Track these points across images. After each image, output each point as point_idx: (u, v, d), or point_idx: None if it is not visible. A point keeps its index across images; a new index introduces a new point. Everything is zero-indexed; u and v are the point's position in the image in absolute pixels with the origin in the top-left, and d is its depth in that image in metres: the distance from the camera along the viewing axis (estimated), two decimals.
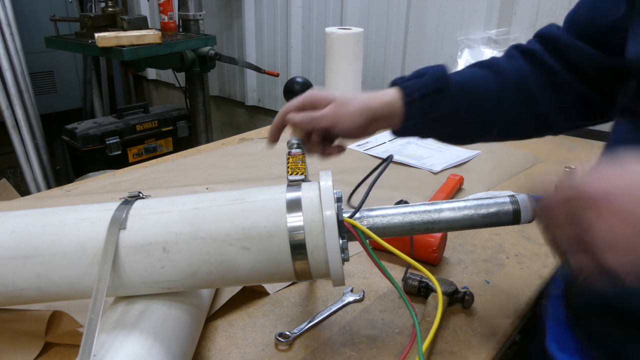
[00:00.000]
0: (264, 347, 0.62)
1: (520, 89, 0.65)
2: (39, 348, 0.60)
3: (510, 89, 0.65)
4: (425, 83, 0.63)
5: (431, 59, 1.79)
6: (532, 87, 0.65)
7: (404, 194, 1.02)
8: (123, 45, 1.76)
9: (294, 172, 0.57)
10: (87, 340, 0.44)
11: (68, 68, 2.84)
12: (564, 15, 0.70)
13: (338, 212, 0.51)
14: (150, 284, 0.52)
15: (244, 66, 2.21)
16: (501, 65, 0.67)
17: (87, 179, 1.17)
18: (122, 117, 2.26)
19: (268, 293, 0.72)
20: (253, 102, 2.52)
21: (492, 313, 0.69)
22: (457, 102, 0.63)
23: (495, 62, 0.68)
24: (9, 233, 0.52)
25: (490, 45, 1.62)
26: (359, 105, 0.62)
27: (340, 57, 1.45)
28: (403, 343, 0.63)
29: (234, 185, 1.09)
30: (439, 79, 0.63)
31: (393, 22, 1.85)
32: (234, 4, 2.38)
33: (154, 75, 3.16)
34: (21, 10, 2.48)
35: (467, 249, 0.86)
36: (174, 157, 1.27)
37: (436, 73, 0.63)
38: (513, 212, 0.55)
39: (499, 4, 1.57)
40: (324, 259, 0.50)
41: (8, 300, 0.54)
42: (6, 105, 2.30)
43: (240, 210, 0.51)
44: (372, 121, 0.63)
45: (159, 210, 0.53)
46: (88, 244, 0.51)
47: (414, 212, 0.55)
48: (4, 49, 2.29)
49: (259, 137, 1.42)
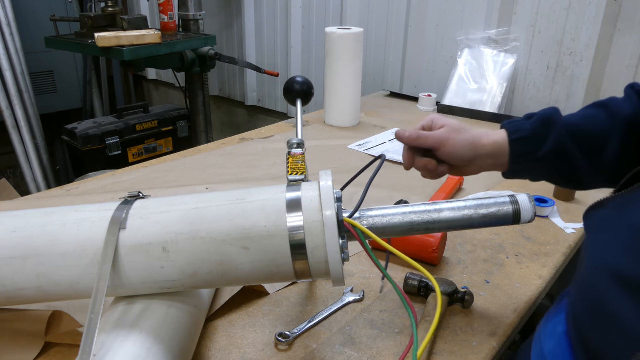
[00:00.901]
0: (264, 347, 0.62)
1: (630, 124, 0.61)
2: (39, 348, 0.60)
3: (620, 125, 0.62)
4: (532, 122, 0.64)
5: (431, 59, 1.79)
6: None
7: (404, 194, 1.02)
8: (123, 45, 1.75)
9: (294, 172, 0.57)
10: (87, 340, 0.44)
11: (68, 68, 2.84)
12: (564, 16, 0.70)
13: (338, 212, 0.51)
14: (150, 284, 0.52)
15: (244, 66, 2.21)
16: (616, 102, 0.64)
17: (87, 179, 1.17)
18: (122, 117, 2.26)
19: (268, 293, 0.72)
20: (253, 102, 2.53)
21: (492, 313, 0.69)
22: (563, 140, 0.62)
23: (610, 100, 0.65)
24: (9, 233, 0.52)
25: (490, 45, 1.62)
26: (469, 137, 0.65)
27: (340, 57, 1.45)
28: (403, 343, 0.63)
29: (234, 185, 1.09)
30: (548, 116, 0.63)
31: (393, 22, 1.85)
32: (234, 4, 2.38)
33: (154, 75, 3.16)
34: (21, 10, 2.48)
35: (467, 249, 0.86)
36: (174, 157, 1.27)
37: (546, 112, 0.64)
38: (513, 212, 0.55)
39: (499, 4, 1.57)
40: (324, 259, 0.50)
41: (8, 300, 0.54)
42: (6, 105, 2.30)
43: (240, 210, 0.51)
44: (477, 156, 0.65)
45: (159, 210, 0.53)
46: (88, 244, 0.51)
47: (414, 212, 0.55)
48: (4, 49, 2.29)
49: (259, 137, 1.42)
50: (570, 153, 0.63)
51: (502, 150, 0.64)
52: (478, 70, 1.61)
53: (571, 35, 1.46)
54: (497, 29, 1.60)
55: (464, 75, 1.63)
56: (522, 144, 0.64)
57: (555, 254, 0.84)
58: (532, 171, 0.66)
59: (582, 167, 0.63)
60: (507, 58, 1.58)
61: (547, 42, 1.52)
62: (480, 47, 1.62)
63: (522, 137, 0.64)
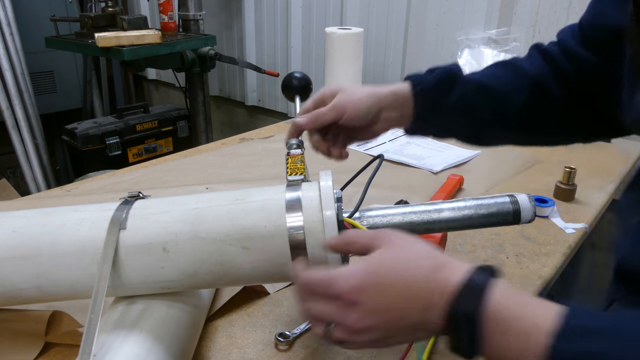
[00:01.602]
0: (264, 347, 0.62)
1: (535, 83, 0.64)
2: (39, 348, 0.60)
3: (525, 81, 0.64)
4: (435, 74, 0.63)
5: (431, 59, 1.79)
6: (548, 84, 0.64)
7: (404, 194, 1.02)
8: (123, 45, 1.76)
9: (293, 173, 0.57)
10: (87, 340, 0.44)
11: (68, 68, 2.84)
12: (564, 16, 0.70)
13: (338, 212, 0.51)
14: (150, 284, 0.52)
15: (244, 66, 2.21)
16: (520, 61, 0.66)
17: (87, 179, 1.17)
18: (122, 117, 2.26)
19: (268, 293, 0.72)
20: (253, 102, 2.52)
21: None
22: (467, 91, 0.62)
23: (513, 60, 0.67)
24: (9, 233, 0.52)
25: (490, 45, 1.62)
26: (365, 92, 0.62)
27: (340, 57, 1.45)
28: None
29: (233, 185, 1.09)
30: (450, 70, 0.63)
31: (393, 22, 1.85)
32: (234, 4, 2.38)
33: (154, 75, 3.16)
34: (21, 10, 2.48)
35: (467, 249, 0.86)
36: (174, 157, 1.27)
37: (448, 66, 0.63)
38: (513, 212, 0.55)
39: (499, 4, 1.57)
40: (324, 259, 0.50)
41: (8, 300, 0.54)
42: (6, 105, 2.30)
43: (240, 210, 0.51)
44: (378, 109, 0.62)
45: (159, 210, 0.53)
46: (88, 244, 0.51)
47: (414, 212, 0.55)
48: (4, 49, 2.29)
49: (259, 137, 1.42)
50: (475, 106, 0.63)
51: (406, 101, 0.62)
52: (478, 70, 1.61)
53: None
54: (497, 29, 1.60)
55: None
56: (427, 94, 0.62)
57: (555, 254, 0.84)
58: (435, 123, 0.65)
59: (485, 122, 0.64)
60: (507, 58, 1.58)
61: (547, 42, 1.51)
62: (480, 47, 1.62)
63: (426, 88, 0.62)
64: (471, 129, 0.65)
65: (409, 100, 0.62)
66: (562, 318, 0.36)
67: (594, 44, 0.62)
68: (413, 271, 0.41)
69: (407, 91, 0.62)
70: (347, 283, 0.41)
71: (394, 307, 0.41)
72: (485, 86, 0.64)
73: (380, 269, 0.42)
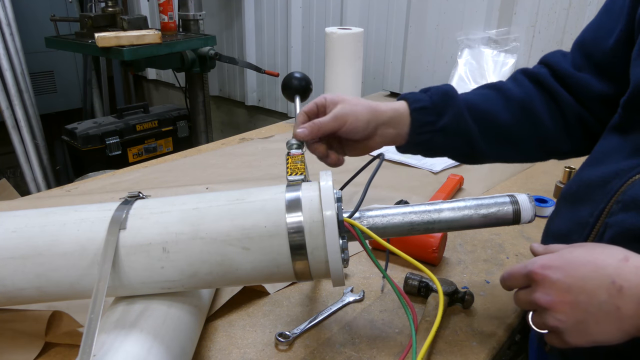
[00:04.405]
0: (264, 347, 0.62)
1: (525, 107, 0.66)
2: (39, 348, 0.60)
3: (515, 106, 0.66)
4: (431, 94, 0.65)
5: (431, 59, 1.79)
6: (537, 107, 0.66)
7: (404, 194, 1.02)
8: (123, 45, 1.75)
9: (293, 173, 0.57)
10: (87, 340, 0.44)
11: (68, 68, 2.84)
12: (564, 16, 0.71)
13: (338, 212, 0.51)
14: (150, 284, 0.52)
15: (244, 66, 2.21)
16: (507, 86, 0.68)
17: (87, 179, 1.17)
18: (122, 117, 2.26)
19: (268, 293, 0.72)
20: (253, 102, 2.52)
21: (492, 313, 0.69)
22: (462, 113, 0.64)
23: (500, 84, 0.69)
24: (9, 233, 0.52)
25: (490, 45, 1.62)
26: (365, 106, 0.63)
27: (340, 57, 1.45)
28: (403, 343, 0.63)
29: (233, 185, 1.09)
30: (445, 91, 0.65)
31: (393, 22, 1.85)
32: (234, 4, 2.38)
33: (154, 75, 3.16)
34: (21, 10, 2.48)
35: (467, 249, 0.86)
36: (174, 157, 1.27)
37: (441, 86, 0.65)
38: (513, 212, 0.55)
39: (499, 4, 1.57)
40: (324, 259, 0.50)
41: (8, 300, 0.54)
42: (6, 105, 2.30)
43: (240, 210, 0.51)
44: (376, 125, 0.63)
45: (159, 210, 0.53)
46: (88, 244, 0.51)
47: (414, 212, 0.55)
48: (4, 49, 2.29)
49: (259, 137, 1.42)
50: (468, 126, 0.65)
51: (403, 119, 0.64)
52: (478, 70, 1.61)
53: (571, 35, 1.46)
54: (497, 29, 1.60)
55: (464, 75, 1.63)
56: (423, 113, 0.64)
57: None
58: (430, 143, 0.66)
59: (476, 142, 0.66)
60: (507, 58, 1.58)
61: (547, 42, 1.52)
62: (480, 47, 1.62)
63: (423, 107, 0.64)
64: (464, 147, 0.67)
65: (406, 118, 0.64)
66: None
67: (589, 65, 0.65)
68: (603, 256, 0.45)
69: (404, 109, 0.64)
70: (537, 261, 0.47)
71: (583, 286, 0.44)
72: (477, 106, 0.66)
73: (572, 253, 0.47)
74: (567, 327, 0.45)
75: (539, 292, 0.46)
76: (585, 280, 0.44)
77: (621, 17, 0.60)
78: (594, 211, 0.53)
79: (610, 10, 0.64)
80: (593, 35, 0.66)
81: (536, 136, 0.67)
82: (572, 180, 0.61)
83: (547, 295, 0.46)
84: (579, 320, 0.44)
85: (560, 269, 0.46)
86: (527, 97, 0.67)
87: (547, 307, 0.45)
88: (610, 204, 0.52)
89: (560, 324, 0.45)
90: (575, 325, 0.44)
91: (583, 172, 0.59)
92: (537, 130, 0.67)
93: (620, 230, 0.50)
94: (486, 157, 0.69)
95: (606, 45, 0.62)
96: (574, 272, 0.45)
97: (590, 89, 0.64)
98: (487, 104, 0.66)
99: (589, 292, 0.43)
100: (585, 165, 0.60)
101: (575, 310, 0.44)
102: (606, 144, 0.59)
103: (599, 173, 0.55)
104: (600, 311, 0.43)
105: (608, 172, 0.54)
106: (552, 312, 0.45)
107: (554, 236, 0.60)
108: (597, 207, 0.53)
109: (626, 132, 0.56)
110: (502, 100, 0.67)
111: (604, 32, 0.63)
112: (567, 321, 0.44)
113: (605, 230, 0.51)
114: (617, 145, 0.56)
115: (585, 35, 0.67)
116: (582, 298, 0.44)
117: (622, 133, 0.57)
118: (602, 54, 0.63)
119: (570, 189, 0.60)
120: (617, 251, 0.45)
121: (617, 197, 0.51)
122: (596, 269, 0.44)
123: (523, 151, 0.70)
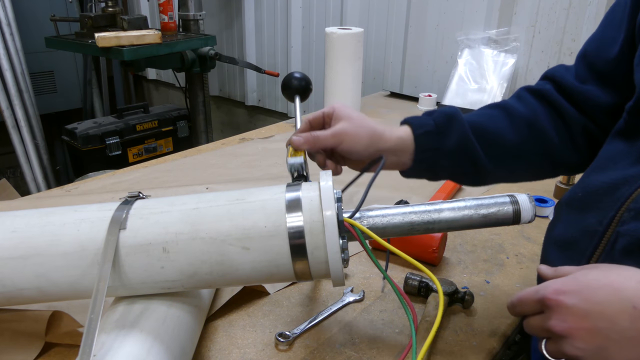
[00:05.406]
0: (264, 347, 0.62)
1: (530, 124, 0.65)
2: (39, 348, 0.60)
3: (520, 124, 0.65)
4: (434, 117, 0.64)
5: (431, 59, 1.79)
6: (542, 123, 0.65)
7: (404, 194, 1.02)
8: (123, 45, 1.75)
9: (293, 155, 0.58)
10: (87, 340, 0.44)
11: (68, 68, 2.84)
12: (564, 16, 0.71)
13: (338, 212, 0.51)
14: (150, 284, 0.52)
15: (244, 66, 2.21)
16: (511, 104, 0.68)
17: (87, 179, 1.17)
18: (122, 117, 2.26)
19: (268, 293, 0.72)
20: (253, 102, 2.53)
21: (492, 313, 0.69)
22: (466, 134, 0.63)
23: (504, 103, 0.68)
24: (9, 233, 0.52)
25: (490, 45, 1.62)
26: (369, 129, 0.62)
27: (340, 57, 1.45)
28: (403, 343, 0.63)
29: (233, 185, 1.09)
30: (448, 113, 0.64)
31: (393, 22, 1.85)
32: (234, 4, 2.38)
33: (154, 75, 3.16)
34: (21, 10, 2.48)
35: (467, 249, 0.86)
36: (174, 157, 1.27)
37: (445, 109, 0.65)
38: (513, 212, 0.55)
39: (499, 4, 1.57)
40: (324, 259, 0.50)
41: (8, 300, 0.54)
42: (6, 105, 2.30)
43: (240, 210, 0.51)
44: (377, 150, 0.62)
45: (159, 210, 0.53)
46: (88, 244, 0.51)
47: (414, 212, 0.55)
48: (4, 49, 2.29)
49: (259, 137, 1.42)
50: (473, 148, 0.63)
51: (407, 146, 0.63)
52: (478, 70, 1.61)
53: (571, 35, 1.46)
54: (497, 29, 1.60)
55: (464, 75, 1.63)
56: (427, 138, 0.63)
57: None
58: (434, 167, 0.65)
59: (482, 163, 0.64)
60: (507, 58, 1.58)
61: (547, 42, 1.52)
62: (480, 47, 1.62)
63: (427, 132, 0.63)
64: (469, 168, 0.65)
65: (410, 145, 0.63)
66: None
67: (593, 76, 0.64)
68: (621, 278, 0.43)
69: (408, 137, 0.63)
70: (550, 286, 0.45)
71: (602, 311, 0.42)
72: (481, 126, 0.65)
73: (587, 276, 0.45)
74: (587, 355, 0.42)
75: (554, 319, 0.44)
76: (604, 305, 0.42)
77: (622, 26, 0.60)
78: (603, 219, 0.52)
79: (611, 21, 0.63)
80: (596, 46, 0.65)
81: (543, 152, 0.66)
82: (577, 186, 0.60)
83: (563, 322, 0.43)
84: (600, 347, 0.42)
85: (575, 293, 0.43)
86: (532, 113, 0.66)
87: (564, 334, 0.43)
88: (620, 211, 0.51)
89: (580, 352, 0.42)
90: (596, 353, 0.42)
91: (588, 178, 0.58)
92: (544, 145, 0.66)
93: (633, 240, 0.49)
94: (493, 177, 0.67)
95: (609, 55, 0.62)
96: (591, 296, 0.43)
97: (595, 100, 0.64)
98: (492, 123, 0.65)
99: (609, 318, 0.42)
100: (590, 171, 0.59)
101: (595, 337, 0.42)
102: (611, 150, 0.58)
103: (605, 179, 0.54)
104: (623, 338, 0.41)
105: (615, 179, 0.53)
106: (570, 340, 0.43)
107: (558, 243, 0.59)
108: (607, 215, 0.52)
109: (632, 138, 0.55)
110: (507, 119, 0.66)
111: (607, 42, 0.63)
112: (586, 349, 0.42)
113: (617, 240, 0.50)
114: (622, 151, 0.56)
115: (588, 47, 0.67)
116: (603, 324, 0.42)
117: (628, 139, 0.56)
118: (605, 64, 0.63)
119: (574, 194, 0.59)
120: (634, 273, 0.43)
121: (629, 205, 0.50)
122: (614, 293, 0.42)
123: (530, 168, 0.69)
